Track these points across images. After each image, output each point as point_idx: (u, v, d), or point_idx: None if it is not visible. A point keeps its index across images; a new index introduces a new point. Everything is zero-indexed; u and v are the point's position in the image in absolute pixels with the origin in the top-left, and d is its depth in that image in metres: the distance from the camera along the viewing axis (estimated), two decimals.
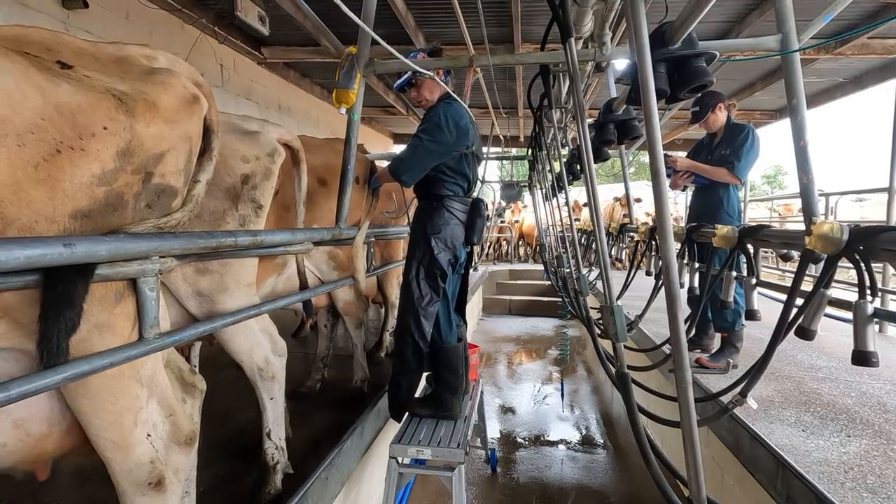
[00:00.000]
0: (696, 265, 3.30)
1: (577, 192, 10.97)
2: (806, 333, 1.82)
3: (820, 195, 7.00)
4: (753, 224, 2.56)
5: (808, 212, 1.95)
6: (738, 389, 2.13)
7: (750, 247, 2.52)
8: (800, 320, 1.81)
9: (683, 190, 4.34)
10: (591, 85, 6.48)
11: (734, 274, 2.70)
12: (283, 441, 2.07)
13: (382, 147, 12.36)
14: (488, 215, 2.93)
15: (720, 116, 3.50)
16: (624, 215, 8.80)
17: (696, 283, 3.33)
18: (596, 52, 2.23)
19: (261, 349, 1.95)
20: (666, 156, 3.52)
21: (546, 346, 8.28)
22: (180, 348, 2.03)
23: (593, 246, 7.87)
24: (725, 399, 2.14)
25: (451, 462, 2.53)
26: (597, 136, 2.93)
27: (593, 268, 7.18)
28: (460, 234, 2.69)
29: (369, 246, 2.96)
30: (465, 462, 2.53)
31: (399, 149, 12.42)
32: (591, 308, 3.78)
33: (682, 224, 4.34)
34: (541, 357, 7.75)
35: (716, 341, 3.78)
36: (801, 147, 2.01)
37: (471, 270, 3.22)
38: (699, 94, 3.52)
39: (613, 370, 1.65)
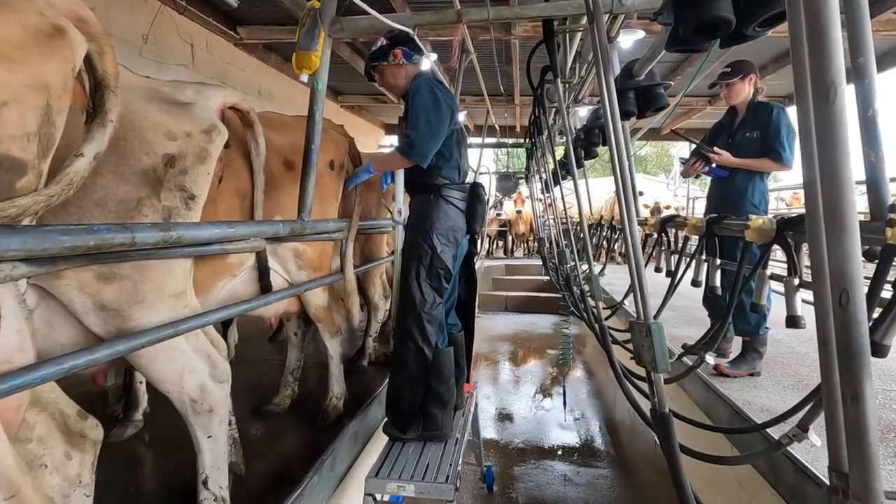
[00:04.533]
0: (718, 262, 2.92)
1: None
2: (880, 350, 1.44)
3: None
4: (794, 214, 2.17)
5: (879, 200, 1.56)
6: (783, 417, 1.75)
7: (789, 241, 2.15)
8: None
9: (697, 177, 3.96)
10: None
11: (768, 272, 2.32)
12: (226, 489, 1.66)
13: (373, 139, 11.91)
14: (488, 199, 2.61)
15: (746, 89, 3.11)
16: None
17: (717, 282, 2.95)
18: (614, 3, 1.82)
19: (194, 375, 1.54)
20: (705, 148, 3.16)
21: (544, 344, 7.91)
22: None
23: (594, 241, 7.48)
24: (776, 431, 1.77)
25: (438, 501, 2.15)
26: None
27: (595, 263, 6.79)
28: (462, 224, 2.46)
29: (343, 242, 2.55)
30: (454, 500, 2.14)
31: (392, 139, 11.94)
32: (599, 308, 3.37)
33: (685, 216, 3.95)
34: (539, 357, 7.38)
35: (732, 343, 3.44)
36: (870, 118, 1.61)
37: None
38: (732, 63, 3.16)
39: (648, 409, 1.26)
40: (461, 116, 8.96)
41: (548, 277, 8.31)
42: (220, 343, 1.87)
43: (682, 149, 15.96)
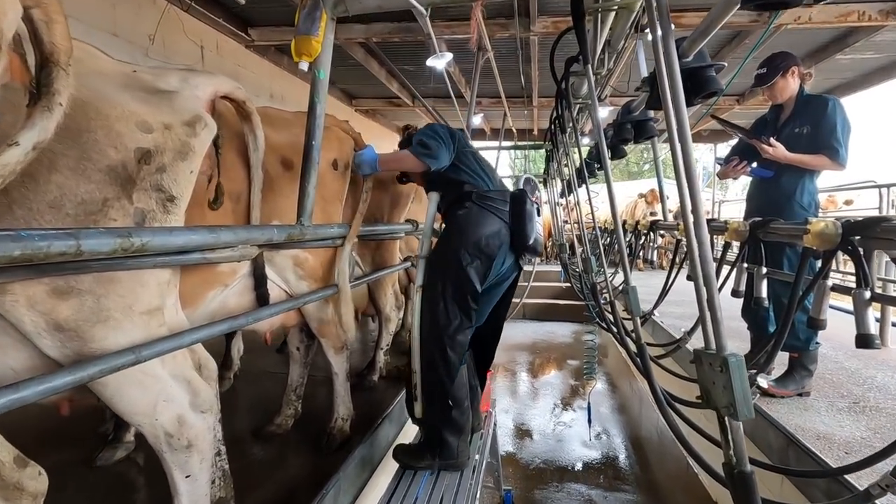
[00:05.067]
0: (764, 271, 2.63)
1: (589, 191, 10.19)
2: None
3: (874, 186, 6.22)
4: (865, 217, 1.88)
5: None
6: (870, 461, 1.46)
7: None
8: None
9: (735, 179, 3.66)
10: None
11: (829, 283, 2.04)
12: None
13: (388, 143, 11.73)
14: (538, 209, 2.28)
15: (791, 84, 2.82)
16: (651, 213, 8.10)
17: (763, 293, 2.66)
18: None
19: (171, 405, 1.33)
20: (754, 137, 2.86)
21: (565, 354, 7.60)
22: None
23: (616, 247, 7.17)
24: (855, 477, 1.48)
25: None
26: (653, 97, 2.26)
27: (618, 270, 6.48)
28: (500, 233, 2.11)
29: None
30: None
31: None
32: (626, 319, 3.07)
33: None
34: (560, 368, 7.08)
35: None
36: None
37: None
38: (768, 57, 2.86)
39: (722, 464, 0.99)
40: (477, 119, 8.69)
41: (567, 284, 8.00)
42: (208, 364, 1.66)
43: (706, 151, 15.47)
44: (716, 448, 1.41)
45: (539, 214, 2.26)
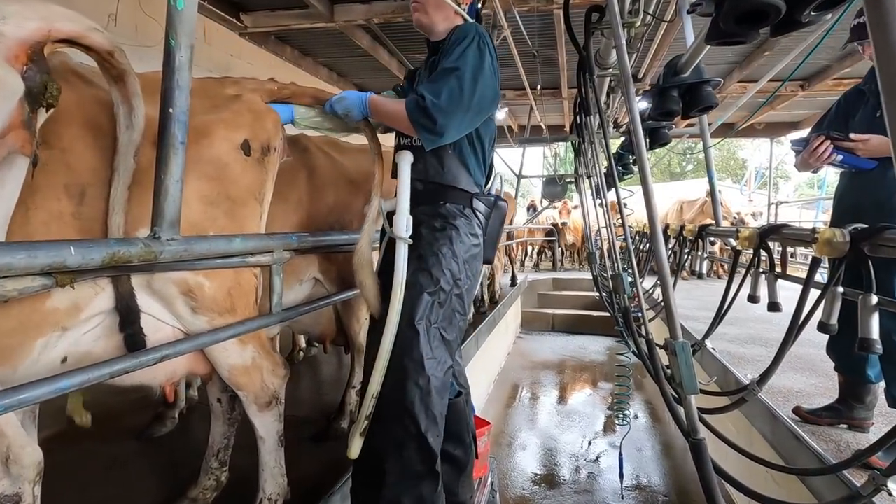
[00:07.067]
0: (875, 300, 1.83)
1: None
2: None
3: None
4: None
5: None
6: None
7: None
8: None
9: (815, 171, 2.84)
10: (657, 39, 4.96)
11: None
12: None
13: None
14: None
15: None
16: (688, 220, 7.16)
17: (874, 333, 1.86)
18: None
19: None
20: (835, 136, 2.21)
21: (597, 375, 6.76)
22: None
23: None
24: None
25: None
26: (725, 16, 1.36)
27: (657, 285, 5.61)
28: (481, 254, 1.79)
29: (269, 270, 1.70)
30: None
31: None
32: (691, 407, 2.29)
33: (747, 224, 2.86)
34: (592, 390, 6.25)
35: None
36: None
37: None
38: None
39: None
40: (501, 114, 7.89)
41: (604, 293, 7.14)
42: (21, 456, 1.07)
43: (757, 149, 14.19)
44: None
45: None
